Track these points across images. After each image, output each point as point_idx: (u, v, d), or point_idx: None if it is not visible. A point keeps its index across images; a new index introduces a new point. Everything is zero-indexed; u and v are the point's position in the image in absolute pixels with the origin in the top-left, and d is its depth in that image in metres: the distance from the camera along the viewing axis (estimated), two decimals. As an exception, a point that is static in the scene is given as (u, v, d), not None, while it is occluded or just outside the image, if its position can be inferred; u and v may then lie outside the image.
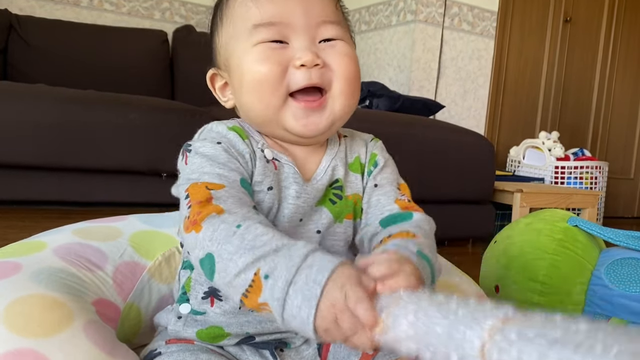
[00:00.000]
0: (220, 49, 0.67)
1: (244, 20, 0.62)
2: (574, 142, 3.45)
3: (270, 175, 0.63)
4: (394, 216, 0.65)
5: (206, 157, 0.60)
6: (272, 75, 0.60)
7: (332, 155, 0.68)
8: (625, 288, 0.95)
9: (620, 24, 3.59)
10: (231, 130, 0.64)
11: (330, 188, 0.67)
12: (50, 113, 1.88)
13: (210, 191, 0.55)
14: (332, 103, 0.63)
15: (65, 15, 2.83)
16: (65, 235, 0.76)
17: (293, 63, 0.60)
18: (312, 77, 0.60)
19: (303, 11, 0.61)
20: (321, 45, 0.62)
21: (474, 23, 3.00)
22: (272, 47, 0.60)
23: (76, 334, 0.55)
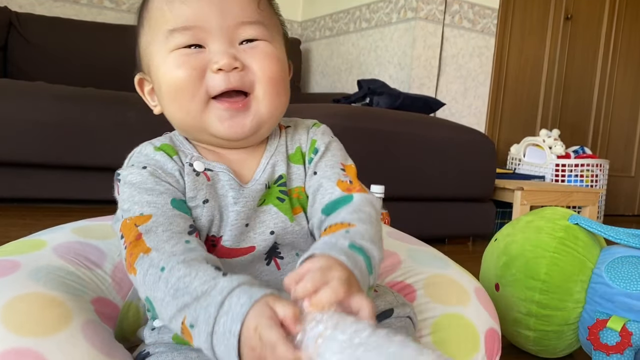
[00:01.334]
0: (142, 53, 0.64)
1: (159, 24, 0.60)
2: (574, 139, 3.45)
3: (202, 189, 0.61)
4: (334, 202, 0.63)
5: (134, 186, 0.58)
6: (189, 81, 0.58)
7: (272, 152, 0.66)
8: (625, 286, 0.95)
9: (621, 21, 3.59)
10: (158, 150, 0.62)
11: (276, 186, 0.65)
12: (49, 110, 1.88)
13: (138, 227, 0.55)
14: (257, 105, 0.61)
15: (65, 12, 2.83)
16: (64, 233, 0.76)
17: (210, 67, 0.58)
18: (231, 81, 0.59)
19: (219, 13, 0.59)
20: (242, 46, 0.60)
21: (475, 20, 3.00)
22: (188, 52, 0.59)
23: (74, 334, 0.55)
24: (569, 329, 1.02)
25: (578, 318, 1.01)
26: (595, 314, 0.97)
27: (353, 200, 0.62)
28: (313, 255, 0.51)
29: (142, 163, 0.60)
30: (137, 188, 0.58)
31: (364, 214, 0.60)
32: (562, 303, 1.00)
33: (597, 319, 0.97)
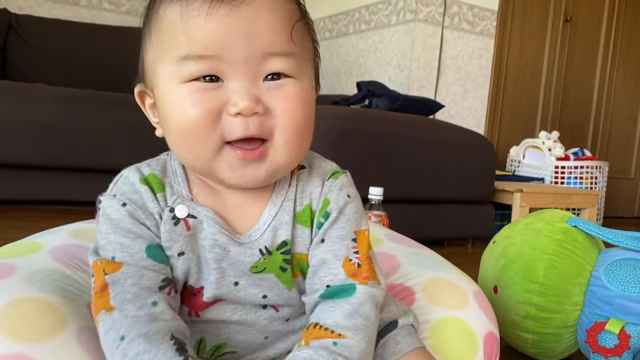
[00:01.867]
0: (147, 67, 0.56)
1: (170, 45, 0.51)
2: (574, 141, 3.45)
3: (179, 240, 0.55)
4: (334, 290, 0.55)
5: (111, 222, 0.54)
6: (203, 124, 0.50)
7: (277, 207, 0.58)
8: (624, 289, 0.95)
9: (620, 23, 3.59)
10: (144, 183, 0.56)
11: (279, 253, 0.58)
12: (48, 112, 1.88)
13: (106, 277, 0.51)
14: (274, 153, 0.53)
15: (64, 14, 2.83)
16: (61, 236, 0.75)
17: (228, 109, 0.50)
18: (250, 128, 0.50)
19: (244, 41, 0.49)
20: (266, 83, 0.52)
21: (474, 22, 3.00)
22: (203, 87, 0.50)
23: (69, 340, 0.55)
24: (568, 331, 1.02)
25: (576, 321, 1.01)
26: (594, 317, 0.97)
27: (354, 295, 0.54)
28: None
29: (123, 197, 0.55)
30: (113, 226, 0.54)
31: (361, 320, 0.53)
32: (561, 306, 1.00)
33: (595, 321, 0.97)
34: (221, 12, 0.49)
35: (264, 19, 0.50)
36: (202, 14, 0.49)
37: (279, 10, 0.52)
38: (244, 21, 0.49)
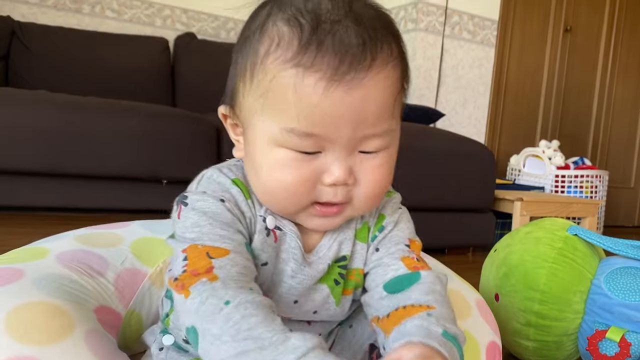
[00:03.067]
0: (242, 107, 0.54)
1: (277, 111, 0.49)
2: (574, 150, 3.45)
3: (267, 251, 0.56)
4: (399, 279, 0.57)
5: (206, 215, 0.52)
6: (297, 190, 0.51)
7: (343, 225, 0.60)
8: (624, 297, 0.95)
9: (620, 33, 3.61)
10: (234, 184, 0.55)
11: (336, 266, 0.60)
12: (51, 119, 1.88)
13: (212, 260, 0.49)
14: (352, 210, 0.55)
15: (67, 22, 2.84)
16: (67, 241, 0.76)
17: (323, 179, 0.51)
18: (338, 196, 0.52)
19: (353, 125, 0.49)
20: (359, 155, 0.52)
21: (475, 32, 3.01)
22: (302, 157, 0.50)
23: (77, 343, 0.56)
24: (568, 339, 1.02)
25: (577, 329, 1.01)
26: (595, 325, 0.97)
27: (422, 279, 0.57)
28: (410, 341, 0.47)
29: (217, 193, 0.54)
30: (209, 218, 0.52)
31: (439, 295, 0.55)
32: (561, 314, 1.00)
33: (596, 329, 0.97)
34: (336, 94, 0.47)
35: (374, 101, 0.50)
36: (317, 93, 0.47)
37: (388, 87, 0.51)
38: (355, 105, 0.48)
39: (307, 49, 0.47)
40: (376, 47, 0.49)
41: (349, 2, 0.50)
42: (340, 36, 0.48)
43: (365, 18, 0.49)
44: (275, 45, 0.49)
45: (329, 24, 0.48)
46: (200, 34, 3.01)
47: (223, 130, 2.14)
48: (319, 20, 0.48)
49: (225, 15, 3.14)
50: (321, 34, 0.48)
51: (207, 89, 2.79)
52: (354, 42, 0.48)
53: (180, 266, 0.50)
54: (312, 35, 0.48)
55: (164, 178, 1.98)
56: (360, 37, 0.48)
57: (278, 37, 0.49)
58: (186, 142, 2.00)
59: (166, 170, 1.98)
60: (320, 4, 0.49)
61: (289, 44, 0.48)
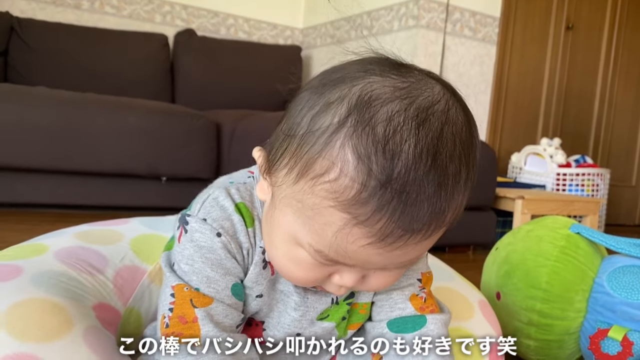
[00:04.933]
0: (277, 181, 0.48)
1: (310, 228, 0.45)
2: (575, 148, 3.45)
3: (262, 283, 0.55)
4: (404, 320, 0.58)
5: (200, 250, 0.52)
6: (308, 283, 0.51)
7: None
8: (627, 296, 0.94)
9: (622, 31, 3.60)
10: (237, 211, 0.53)
11: (344, 302, 0.59)
12: (50, 116, 1.88)
13: (195, 310, 0.51)
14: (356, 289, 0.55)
15: (66, 18, 2.83)
16: (66, 238, 0.75)
17: (332, 278, 0.50)
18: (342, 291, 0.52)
19: (380, 266, 0.48)
20: None
21: (476, 29, 3.00)
22: (320, 263, 0.48)
23: (75, 340, 0.55)
24: (570, 338, 1.01)
25: (579, 327, 1.00)
26: (597, 324, 0.97)
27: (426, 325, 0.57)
28: None
29: (216, 223, 0.52)
30: (202, 255, 0.52)
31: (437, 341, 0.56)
32: (563, 312, 0.99)
33: (598, 328, 0.96)
34: (375, 251, 0.44)
35: (412, 255, 0.47)
36: (357, 244, 0.44)
37: (428, 242, 0.47)
38: (391, 259, 0.46)
39: (366, 204, 0.41)
40: (440, 223, 0.44)
41: (436, 145, 0.42)
42: (405, 206, 0.42)
43: (449, 174, 0.43)
44: (334, 177, 0.42)
45: (399, 185, 0.41)
46: (200, 30, 3.00)
47: (222, 127, 2.14)
48: (390, 175, 0.41)
49: (225, 11, 3.13)
50: (386, 196, 0.41)
51: (207, 85, 2.78)
52: (416, 219, 0.42)
53: (168, 302, 0.52)
54: (376, 191, 0.41)
55: (162, 175, 1.98)
56: (430, 213, 0.43)
57: (339, 168, 0.42)
58: (186, 138, 2.00)
59: (166, 167, 1.98)
60: (402, 147, 0.41)
61: (347, 188, 0.42)
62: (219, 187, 0.55)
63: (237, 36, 3.19)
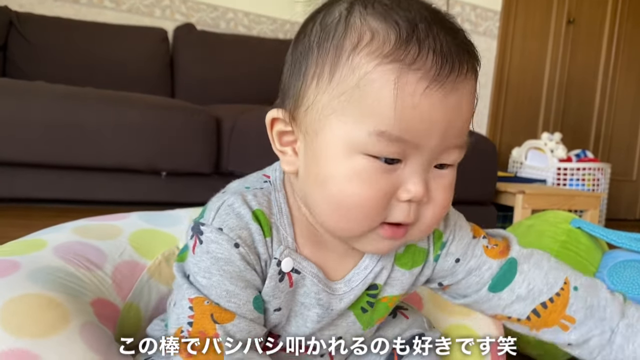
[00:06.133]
0: (312, 107, 0.48)
1: (365, 111, 0.45)
2: (576, 143, 3.44)
3: (280, 297, 0.53)
4: (500, 275, 0.58)
5: (218, 263, 0.49)
6: (373, 204, 0.47)
7: (378, 255, 0.56)
8: (628, 290, 0.94)
9: (623, 25, 3.58)
10: (255, 219, 0.51)
11: (365, 294, 0.57)
12: (49, 110, 1.87)
13: (216, 326, 0.48)
14: (413, 231, 0.51)
15: (65, 12, 2.82)
16: (65, 233, 0.75)
17: (400, 194, 0.47)
18: (411, 217, 0.48)
19: (443, 132, 0.46)
20: (433, 171, 0.49)
21: (477, 23, 2.99)
22: (383, 168, 0.46)
23: (72, 336, 0.55)
24: (572, 333, 1.01)
25: (581, 322, 1.00)
26: (598, 319, 0.97)
27: (519, 268, 0.59)
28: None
29: (233, 234, 0.50)
30: (220, 268, 0.49)
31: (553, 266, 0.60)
32: (565, 307, 0.99)
33: (600, 323, 0.96)
34: (435, 96, 0.44)
35: (465, 107, 0.48)
36: (417, 93, 0.44)
37: (472, 99, 0.49)
38: (451, 110, 0.46)
39: (407, 45, 0.44)
40: (469, 58, 0.47)
41: (436, 11, 0.48)
42: (440, 39, 0.45)
43: (456, 29, 0.48)
44: (368, 39, 0.45)
45: (425, 25, 0.45)
46: (199, 24, 2.99)
47: (222, 122, 2.13)
48: (414, 20, 0.45)
49: (225, 5, 3.12)
50: (420, 34, 0.44)
51: (207, 80, 2.77)
52: (453, 48, 0.45)
53: (186, 315, 0.49)
54: (411, 33, 0.44)
55: (162, 170, 1.97)
56: (457, 45, 0.46)
57: (371, 33, 0.45)
58: (185, 133, 1.99)
59: (165, 162, 1.97)
60: (410, 4, 0.47)
61: (386, 39, 0.44)
62: (233, 192, 0.52)
63: (236, 30, 3.17)
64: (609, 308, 0.58)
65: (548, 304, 0.58)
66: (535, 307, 0.59)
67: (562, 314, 0.58)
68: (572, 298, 0.58)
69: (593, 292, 0.59)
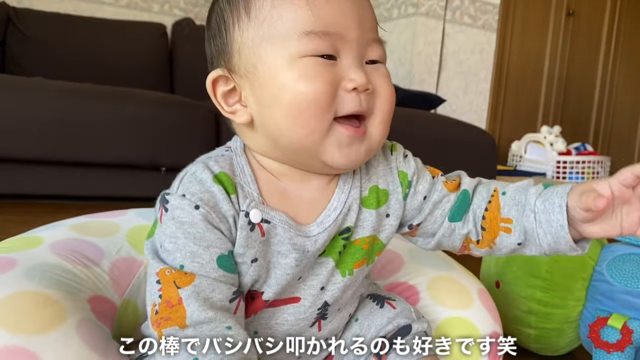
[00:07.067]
0: (242, 49, 0.54)
1: (289, 22, 0.51)
2: (576, 136, 3.44)
3: (254, 246, 0.54)
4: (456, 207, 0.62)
5: (182, 226, 0.52)
6: (323, 97, 0.51)
7: (346, 193, 0.59)
8: (627, 284, 0.94)
9: (622, 17, 3.57)
10: (216, 181, 0.53)
11: (340, 237, 0.59)
12: (48, 106, 1.87)
13: (179, 291, 0.50)
14: (370, 132, 0.55)
15: (64, 7, 2.82)
16: (62, 230, 0.75)
17: (344, 85, 0.52)
18: (362, 104, 0.53)
19: (358, 22, 0.53)
20: (367, 67, 0.55)
21: (476, 16, 2.99)
22: (323, 62, 0.52)
23: (68, 333, 0.55)
24: (570, 326, 1.01)
25: (579, 316, 1.00)
26: (596, 312, 0.97)
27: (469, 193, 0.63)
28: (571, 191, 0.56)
29: (195, 197, 0.52)
30: (184, 231, 0.52)
31: (486, 184, 0.64)
32: (563, 301, 0.99)
33: (598, 316, 0.96)
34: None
35: (366, 5, 0.55)
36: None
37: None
38: (356, 4, 0.53)
39: None
40: None
41: None
42: None
43: None
44: None
45: None
46: (198, 19, 2.98)
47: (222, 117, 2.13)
48: None
49: None
50: None
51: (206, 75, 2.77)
52: None
53: (156, 289, 0.52)
54: None
55: (162, 165, 1.97)
56: None
57: None
58: (184, 128, 1.99)
59: (165, 158, 1.97)
60: None
61: None
62: (196, 162, 0.56)
63: (235, 25, 3.17)
64: (531, 197, 0.59)
65: (485, 214, 0.61)
66: (480, 223, 0.62)
67: (499, 218, 0.61)
68: (502, 201, 0.61)
69: (522, 191, 0.60)
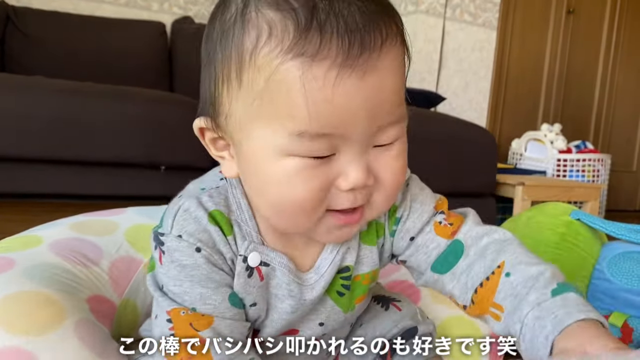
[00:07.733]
0: (229, 116, 0.47)
1: (282, 114, 0.43)
2: (576, 134, 3.43)
3: (252, 292, 0.52)
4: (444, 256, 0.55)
5: (184, 270, 0.49)
6: (312, 202, 0.45)
7: None
8: (627, 282, 0.94)
9: (623, 15, 3.57)
10: (212, 221, 0.50)
11: (339, 277, 0.56)
12: (47, 105, 1.86)
13: (200, 333, 0.48)
14: (370, 212, 0.50)
15: (63, 6, 2.81)
16: (61, 229, 0.75)
17: (338, 184, 0.45)
18: (358, 201, 0.47)
19: (368, 116, 0.43)
20: (374, 150, 0.47)
21: (476, 14, 2.98)
22: (314, 164, 0.44)
23: (66, 333, 0.55)
24: (570, 325, 1.01)
25: (579, 314, 1.00)
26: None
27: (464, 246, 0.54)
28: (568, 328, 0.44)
29: (193, 238, 0.49)
30: (187, 274, 0.49)
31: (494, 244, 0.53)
32: (564, 299, 0.99)
33: (598, 315, 0.96)
34: (349, 83, 0.41)
35: (389, 85, 0.45)
36: (328, 85, 0.41)
37: (399, 67, 0.47)
38: (370, 93, 0.43)
39: (307, 33, 0.40)
40: (384, 24, 0.43)
41: None
42: (344, 15, 0.41)
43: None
44: (267, 35, 0.42)
45: (326, 2, 0.41)
46: (197, 17, 2.97)
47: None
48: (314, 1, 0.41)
49: (223, -2, 3.11)
50: (320, 16, 0.41)
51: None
52: (360, 21, 0.41)
53: (166, 327, 0.49)
54: (310, 18, 0.41)
55: (161, 164, 1.97)
56: (366, 14, 0.42)
57: (268, 26, 0.42)
58: (184, 127, 1.97)
59: (164, 156, 1.97)
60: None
61: (284, 32, 0.41)
62: (189, 196, 0.51)
63: (235, 23, 3.17)
64: (526, 307, 0.48)
65: (478, 289, 0.52)
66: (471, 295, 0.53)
67: (491, 301, 0.51)
68: (501, 284, 0.51)
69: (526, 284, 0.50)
